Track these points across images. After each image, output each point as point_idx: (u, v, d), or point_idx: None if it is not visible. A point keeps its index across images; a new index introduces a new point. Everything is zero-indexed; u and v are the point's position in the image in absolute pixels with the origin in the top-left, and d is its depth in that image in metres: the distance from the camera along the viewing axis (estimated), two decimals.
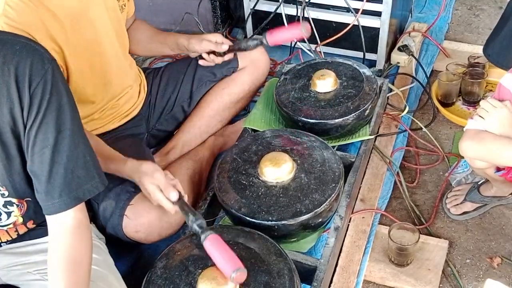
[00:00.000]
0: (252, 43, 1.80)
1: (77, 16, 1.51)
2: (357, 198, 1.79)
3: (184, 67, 1.92)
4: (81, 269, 1.17)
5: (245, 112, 2.07)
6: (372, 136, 1.87)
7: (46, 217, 1.17)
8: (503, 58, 1.88)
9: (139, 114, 1.84)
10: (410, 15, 2.58)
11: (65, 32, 1.48)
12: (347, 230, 1.70)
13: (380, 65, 2.28)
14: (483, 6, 2.73)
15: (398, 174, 1.90)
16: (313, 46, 2.26)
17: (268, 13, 2.29)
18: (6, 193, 1.19)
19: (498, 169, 1.60)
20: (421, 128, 2.04)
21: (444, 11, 2.54)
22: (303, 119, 1.76)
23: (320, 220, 1.52)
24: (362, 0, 2.11)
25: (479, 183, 1.77)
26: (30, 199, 1.22)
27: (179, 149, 1.89)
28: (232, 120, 2.02)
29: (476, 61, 2.16)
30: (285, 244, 1.54)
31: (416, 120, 2.07)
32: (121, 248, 1.57)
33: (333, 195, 1.51)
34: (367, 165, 1.89)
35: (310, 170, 1.57)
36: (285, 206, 1.48)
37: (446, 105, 2.14)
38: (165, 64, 2.02)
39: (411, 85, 2.21)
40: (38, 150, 1.10)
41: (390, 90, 2.13)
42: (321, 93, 1.83)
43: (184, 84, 1.90)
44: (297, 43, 2.28)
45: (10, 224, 1.26)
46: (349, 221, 1.72)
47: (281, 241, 1.50)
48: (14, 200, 1.22)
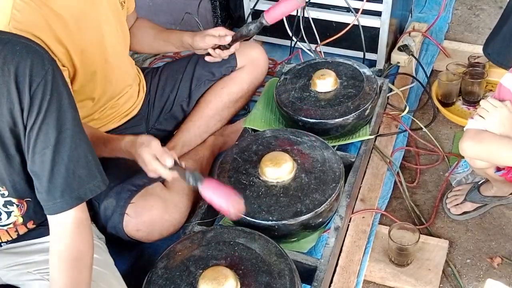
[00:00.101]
0: (253, 26, 1.77)
1: (82, 16, 1.51)
2: (357, 198, 1.79)
3: (182, 66, 1.92)
4: (82, 269, 1.17)
5: (245, 111, 2.07)
6: (372, 136, 1.87)
7: (48, 217, 1.17)
8: (503, 57, 1.89)
9: (138, 114, 1.84)
10: (410, 15, 2.58)
11: (70, 33, 1.48)
12: (347, 230, 1.70)
13: (380, 65, 2.28)
14: (483, 6, 2.73)
15: (398, 174, 1.90)
16: (313, 46, 2.26)
17: None
18: (6, 193, 1.19)
19: (498, 169, 1.59)
20: (421, 128, 2.04)
21: (444, 11, 2.54)
22: (303, 119, 1.76)
23: (320, 220, 1.52)
24: (362, 0, 2.11)
25: (479, 183, 1.77)
26: (30, 199, 1.22)
27: (178, 149, 1.88)
28: (232, 120, 2.01)
29: (476, 61, 2.16)
30: (286, 244, 1.54)
31: (416, 120, 2.07)
32: (121, 247, 1.57)
33: (334, 195, 1.51)
34: (367, 165, 1.89)
35: (310, 170, 1.57)
36: (286, 206, 1.48)
37: (446, 105, 2.14)
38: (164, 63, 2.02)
39: (411, 85, 2.21)
40: (39, 151, 1.10)
41: (390, 90, 2.13)
42: (321, 93, 1.83)
43: (182, 83, 1.90)
44: (297, 43, 2.28)
45: (10, 224, 1.26)
46: (349, 221, 1.71)
47: (281, 241, 1.50)
48: (14, 200, 1.22)
